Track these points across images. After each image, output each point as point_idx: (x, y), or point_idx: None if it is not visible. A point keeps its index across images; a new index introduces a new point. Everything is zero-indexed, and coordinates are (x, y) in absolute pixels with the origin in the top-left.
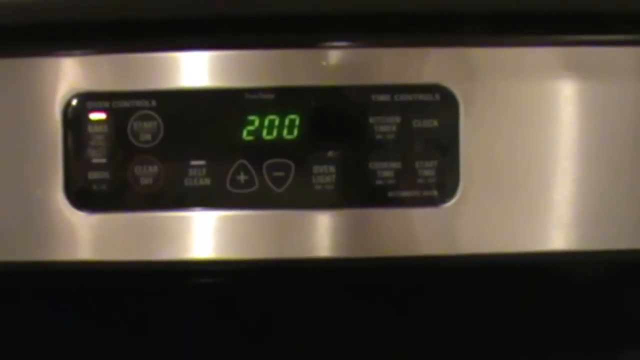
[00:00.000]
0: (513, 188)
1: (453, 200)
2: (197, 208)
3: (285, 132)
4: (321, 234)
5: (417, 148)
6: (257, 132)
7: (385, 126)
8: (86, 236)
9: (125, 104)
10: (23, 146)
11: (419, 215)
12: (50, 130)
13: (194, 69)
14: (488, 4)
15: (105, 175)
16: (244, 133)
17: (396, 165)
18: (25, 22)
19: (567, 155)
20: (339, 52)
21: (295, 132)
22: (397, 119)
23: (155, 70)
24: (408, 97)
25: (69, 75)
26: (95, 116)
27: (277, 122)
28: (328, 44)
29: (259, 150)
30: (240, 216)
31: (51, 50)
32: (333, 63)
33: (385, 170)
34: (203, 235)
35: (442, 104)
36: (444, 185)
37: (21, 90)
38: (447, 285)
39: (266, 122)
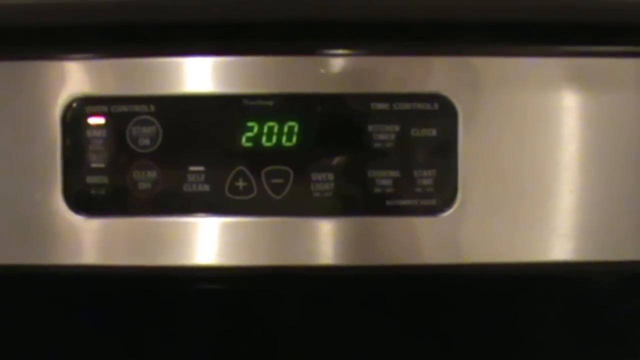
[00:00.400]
0: (511, 198)
1: (451, 210)
2: (195, 214)
3: (284, 139)
4: (319, 241)
5: (416, 157)
6: (256, 139)
7: (384, 134)
8: (84, 240)
9: (124, 108)
10: (22, 149)
11: (417, 224)
12: (49, 134)
13: (194, 75)
14: (488, 14)
15: (103, 179)
16: (243, 139)
17: (395, 173)
18: (25, 25)
19: (566, 166)
20: (339, 60)
21: (294, 139)
22: (396, 128)
23: (155, 75)
24: (407, 106)
25: (69, 79)
26: (94, 120)
27: (276, 129)
28: (328, 51)
29: (258, 157)
30: (238, 223)
31: (51, 54)
32: (333, 70)
33: (383, 178)
34: (200, 241)
35: (441, 113)
36: (442, 195)
37: (20, 94)
38: (444, 294)
39: (265, 129)
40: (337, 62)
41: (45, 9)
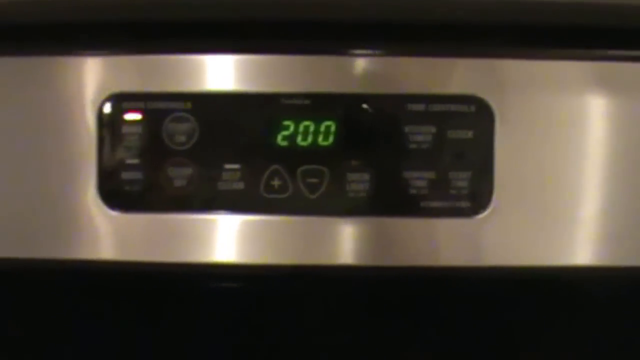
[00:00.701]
0: (545, 201)
1: (486, 212)
2: (230, 212)
3: (320, 138)
4: (353, 241)
5: (452, 159)
6: (292, 138)
7: (420, 136)
8: (119, 235)
9: (160, 105)
10: (58, 144)
11: (452, 226)
12: (86, 130)
13: (231, 72)
14: (526, 17)
15: (139, 175)
16: (279, 138)
17: (430, 175)
18: (62, 20)
19: (599, 170)
20: (377, 60)
21: (330, 138)
22: (432, 129)
23: (192, 72)
24: (443, 107)
25: (105, 75)
26: (130, 117)
27: (312, 128)
28: (366, 51)
29: (294, 156)
30: (273, 221)
31: (88, 50)
32: (370, 71)
33: (418, 179)
34: (235, 239)
35: (478, 115)
36: (477, 197)
37: (57, 89)
38: (476, 296)
39: (301, 128)
40: (375, 63)
41: (83, 5)
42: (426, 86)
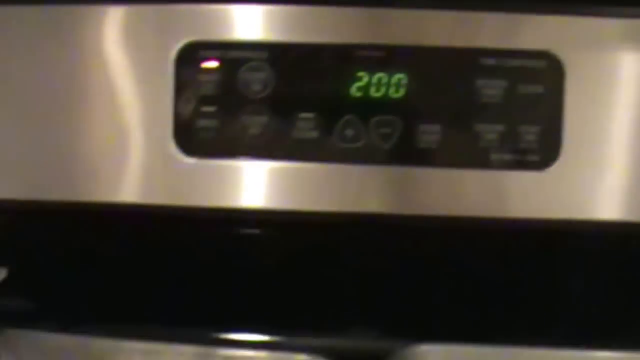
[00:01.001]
0: (612, 156)
1: (554, 165)
2: (304, 160)
3: (392, 90)
4: (424, 191)
5: (522, 112)
6: (365, 89)
7: (492, 89)
8: (194, 182)
9: (237, 54)
10: (135, 91)
11: (520, 179)
12: (163, 77)
13: (307, 23)
14: None
15: (214, 123)
16: (353, 89)
17: (500, 128)
18: None
19: None
20: (450, 14)
21: (403, 90)
22: (504, 83)
23: (268, 22)
24: (515, 62)
25: (183, 23)
26: (207, 65)
27: (385, 80)
28: (440, 5)
29: (367, 107)
30: (346, 170)
31: None
32: (443, 25)
33: (489, 132)
34: (308, 186)
35: (549, 71)
36: (546, 150)
37: (135, 37)
38: (544, 247)
39: (375, 80)
40: (448, 17)
41: None
42: (499, 41)
